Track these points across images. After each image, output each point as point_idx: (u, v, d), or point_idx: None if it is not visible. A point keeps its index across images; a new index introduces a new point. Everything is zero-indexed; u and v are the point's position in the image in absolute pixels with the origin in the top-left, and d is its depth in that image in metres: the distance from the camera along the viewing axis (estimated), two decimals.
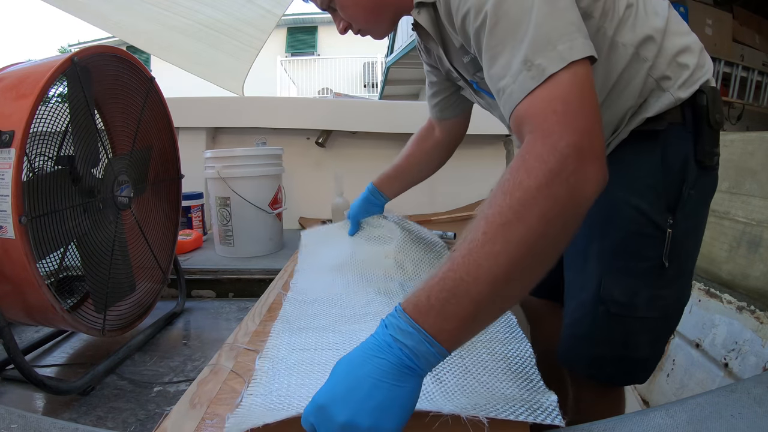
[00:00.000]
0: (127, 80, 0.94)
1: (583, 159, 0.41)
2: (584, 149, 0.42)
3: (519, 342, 0.66)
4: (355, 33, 0.75)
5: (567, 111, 0.43)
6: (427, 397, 0.52)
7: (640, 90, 0.61)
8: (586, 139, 0.42)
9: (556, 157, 0.41)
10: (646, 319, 0.66)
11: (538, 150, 0.42)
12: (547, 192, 0.40)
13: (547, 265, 0.43)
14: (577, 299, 0.71)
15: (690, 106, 0.62)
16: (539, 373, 0.56)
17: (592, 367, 0.70)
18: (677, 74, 0.61)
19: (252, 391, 0.56)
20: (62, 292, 0.83)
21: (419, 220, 1.79)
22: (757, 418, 0.48)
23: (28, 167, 0.73)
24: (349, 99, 2.84)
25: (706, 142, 0.62)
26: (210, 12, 2.10)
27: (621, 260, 0.65)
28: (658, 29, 0.61)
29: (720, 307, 1.13)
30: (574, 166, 0.41)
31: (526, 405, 0.48)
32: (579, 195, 0.41)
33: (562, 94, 0.44)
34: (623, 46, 0.60)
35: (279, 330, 0.74)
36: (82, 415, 0.71)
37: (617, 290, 0.65)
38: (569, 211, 0.41)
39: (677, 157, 0.63)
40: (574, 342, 0.71)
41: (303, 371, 0.61)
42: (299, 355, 0.65)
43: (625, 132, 0.64)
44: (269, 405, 0.52)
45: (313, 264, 1.05)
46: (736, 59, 3.04)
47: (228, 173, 1.42)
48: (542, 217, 0.40)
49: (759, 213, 1.12)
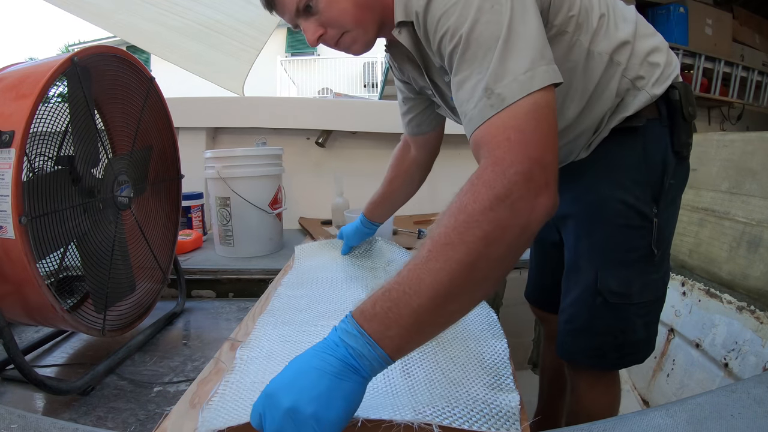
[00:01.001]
0: (127, 80, 0.94)
1: (532, 187, 0.43)
2: (534, 177, 0.43)
3: (496, 338, 0.68)
4: (330, 43, 0.67)
5: (521, 140, 0.45)
6: (393, 390, 0.54)
7: (615, 91, 0.65)
8: (536, 167, 0.43)
9: (503, 183, 0.43)
10: (640, 304, 0.70)
11: (487, 176, 0.44)
12: (490, 216, 0.42)
13: (490, 284, 0.45)
14: (571, 296, 0.74)
15: (664, 102, 0.66)
16: (511, 369, 0.58)
17: (594, 357, 0.73)
18: (650, 73, 0.65)
19: (229, 379, 0.57)
20: (62, 292, 0.83)
21: (419, 219, 1.79)
22: (757, 418, 0.48)
23: (28, 167, 0.72)
24: (349, 99, 2.84)
25: (682, 133, 0.66)
26: (210, 13, 2.11)
27: (613, 253, 0.69)
28: (629, 34, 0.64)
29: (720, 307, 1.13)
30: (521, 193, 0.42)
31: (486, 409, 0.49)
32: (524, 220, 0.43)
33: (517, 123, 0.45)
34: (599, 55, 0.63)
35: (264, 322, 0.76)
36: (82, 415, 0.71)
37: (613, 281, 0.68)
38: (512, 234, 0.43)
39: (658, 150, 0.66)
40: (574, 336, 0.74)
41: (280, 359, 0.63)
42: (280, 345, 0.68)
43: (606, 131, 0.67)
44: (240, 399, 0.53)
45: (306, 269, 1.09)
46: (736, 59, 3.04)
47: (228, 173, 1.42)
48: (483, 239, 0.42)
49: (759, 213, 1.12)
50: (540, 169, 0.44)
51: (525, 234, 0.44)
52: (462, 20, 0.49)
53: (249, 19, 2.15)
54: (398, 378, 0.58)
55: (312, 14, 0.64)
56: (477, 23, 0.48)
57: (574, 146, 0.70)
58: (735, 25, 3.07)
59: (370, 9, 0.64)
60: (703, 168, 1.31)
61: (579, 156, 0.70)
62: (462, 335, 0.70)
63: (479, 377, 0.57)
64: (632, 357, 0.74)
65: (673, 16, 2.77)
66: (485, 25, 0.48)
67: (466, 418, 0.47)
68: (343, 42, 0.67)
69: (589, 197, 0.70)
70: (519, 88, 0.46)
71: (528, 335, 1.59)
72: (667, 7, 2.79)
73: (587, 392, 0.78)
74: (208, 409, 0.51)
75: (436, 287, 0.42)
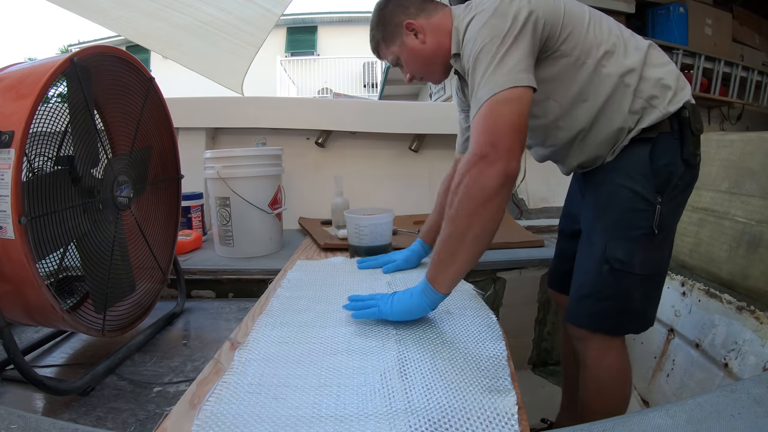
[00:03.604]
0: (127, 80, 0.94)
1: (482, 162, 0.67)
2: (487, 156, 0.67)
3: (495, 341, 0.70)
4: (417, 80, 0.99)
5: (481, 129, 0.69)
6: (389, 391, 0.55)
7: (629, 108, 0.81)
8: (488, 148, 0.67)
9: (470, 160, 0.69)
10: (640, 276, 0.84)
11: (466, 158, 0.70)
12: (463, 184, 0.69)
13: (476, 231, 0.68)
14: (583, 267, 0.89)
15: (676, 119, 0.82)
16: (510, 370, 0.61)
17: (595, 320, 0.87)
18: (663, 93, 0.81)
19: (226, 380, 0.57)
20: (62, 293, 0.83)
21: (419, 220, 1.79)
22: (757, 418, 0.48)
23: (28, 167, 0.72)
24: (349, 99, 2.84)
25: (691, 145, 0.82)
26: (209, 10, 2.11)
27: (620, 230, 0.84)
28: (637, 62, 0.81)
29: (720, 307, 1.13)
30: (478, 166, 0.67)
31: (483, 415, 0.50)
32: (480, 185, 0.67)
33: (479, 117, 0.70)
34: (608, 76, 0.81)
35: (262, 323, 0.77)
36: (82, 415, 0.71)
37: (619, 251, 0.83)
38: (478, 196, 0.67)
39: (664, 155, 0.82)
40: (580, 301, 0.88)
41: (277, 362, 0.64)
42: (277, 347, 0.68)
43: (627, 140, 0.83)
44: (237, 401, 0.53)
45: (307, 270, 1.10)
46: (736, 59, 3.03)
47: (228, 173, 1.42)
48: (461, 200, 0.69)
49: (759, 213, 1.12)
50: (491, 148, 0.67)
51: (483, 194, 0.67)
52: (474, 47, 0.75)
53: (248, 16, 2.15)
54: (395, 379, 0.58)
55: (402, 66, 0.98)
56: (480, 48, 0.73)
57: (600, 152, 0.86)
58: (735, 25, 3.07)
59: (432, 62, 0.94)
60: (702, 168, 1.30)
61: (606, 160, 0.87)
62: (461, 337, 0.71)
63: (476, 380, 0.57)
64: (629, 325, 0.88)
65: (673, 16, 2.77)
66: (484, 54, 0.73)
67: (463, 429, 0.48)
68: (423, 80, 1.00)
69: (605, 187, 0.87)
70: (489, 91, 0.70)
71: (528, 335, 1.59)
72: (667, 7, 2.79)
73: (596, 363, 0.88)
74: (204, 411, 0.51)
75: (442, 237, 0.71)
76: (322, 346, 0.68)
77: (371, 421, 0.49)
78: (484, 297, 0.91)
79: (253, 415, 0.50)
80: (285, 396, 0.54)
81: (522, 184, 2.13)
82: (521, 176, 2.14)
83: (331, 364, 0.63)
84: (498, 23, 0.73)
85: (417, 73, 0.97)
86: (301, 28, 10.98)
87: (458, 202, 0.68)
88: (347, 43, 10.39)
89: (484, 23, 0.74)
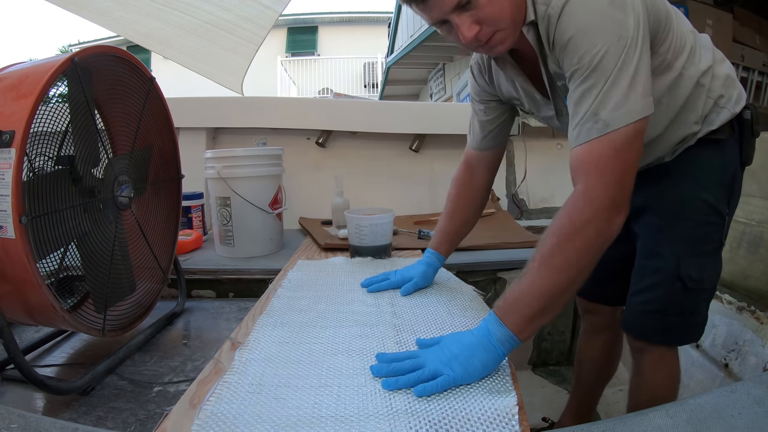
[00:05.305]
0: (127, 80, 0.94)
1: (613, 210, 0.58)
2: (616, 202, 0.58)
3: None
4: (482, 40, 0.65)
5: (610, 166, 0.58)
6: (389, 392, 0.55)
7: (702, 109, 0.75)
8: (618, 192, 0.58)
9: (592, 210, 0.58)
10: (708, 290, 0.81)
11: (580, 203, 0.59)
12: (582, 235, 0.57)
13: (579, 283, 0.59)
14: (648, 280, 0.83)
15: (737, 120, 0.77)
16: (510, 370, 0.61)
17: (664, 334, 0.83)
18: (729, 92, 0.76)
19: (226, 380, 0.57)
20: (62, 292, 0.83)
21: (419, 220, 1.79)
22: (757, 419, 0.48)
23: (29, 167, 0.73)
24: (349, 99, 2.85)
25: (750, 147, 0.79)
26: (210, 8, 2.11)
27: (694, 245, 0.78)
28: (711, 59, 0.75)
29: (720, 308, 1.13)
30: (604, 216, 0.58)
31: (483, 416, 0.50)
32: (606, 236, 0.58)
33: (611, 151, 0.58)
34: (689, 78, 0.73)
35: (263, 323, 0.77)
36: (82, 415, 0.71)
37: (693, 269, 0.78)
38: (597, 247, 0.58)
39: (733, 160, 0.79)
40: (648, 316, 0.83)
41: (278, 362, 0.64)
42: (278, 347, 0.68)
43: (693, 140, 0.77)
44: (237, 401, 0.53)
45: (307, 270, 1.10)
46: (737, 59, 3.03)
47: (228, 173, 1.42)
48: (576, 252, 0.57)
49: (759, 213, 1.12)
50: (620, 191, 0.58)
51: (606, 244, 0.59)
52: (592, 45, 0.59)
53: (248, 14, 2.16)
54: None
55: (469, 9, 0.61)
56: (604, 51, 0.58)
57: (660, 152, 0.80)
58: (735, 25, 3.06)
59: (519, 9, 0.64)
60: None
61: (664, 159, 0.81)
62: None
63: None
64: (690, 337, 0.85)
65: None
66: (610, 55, 0.58)
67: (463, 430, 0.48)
68: (492, 40, 0.66)
69: (673, 195, 0.80)
70: (621, 118, 0.58)
71: None
72: None
73: (652, 373, 0.85)
74: (204, 411, 0.51)
75: (542, 287, 0.58)
76: (322, 347, 0.68)
77: (372, 422, 0.49)
78: (485, 297, 0.91)
79: (253, 415, 0.50)
80: (285, 396, 0.54)
81: (522, 184, 2.13)
82: (521, 176, 2.15)
83: (331, 364, 0.63)
84: (622, 19, 0.58)
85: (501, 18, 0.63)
86: (302, 29, 10.98)
87: (576, 250, 0.57)
88: (348, 43, 10.39)
89: (604, 15, 0.58)
